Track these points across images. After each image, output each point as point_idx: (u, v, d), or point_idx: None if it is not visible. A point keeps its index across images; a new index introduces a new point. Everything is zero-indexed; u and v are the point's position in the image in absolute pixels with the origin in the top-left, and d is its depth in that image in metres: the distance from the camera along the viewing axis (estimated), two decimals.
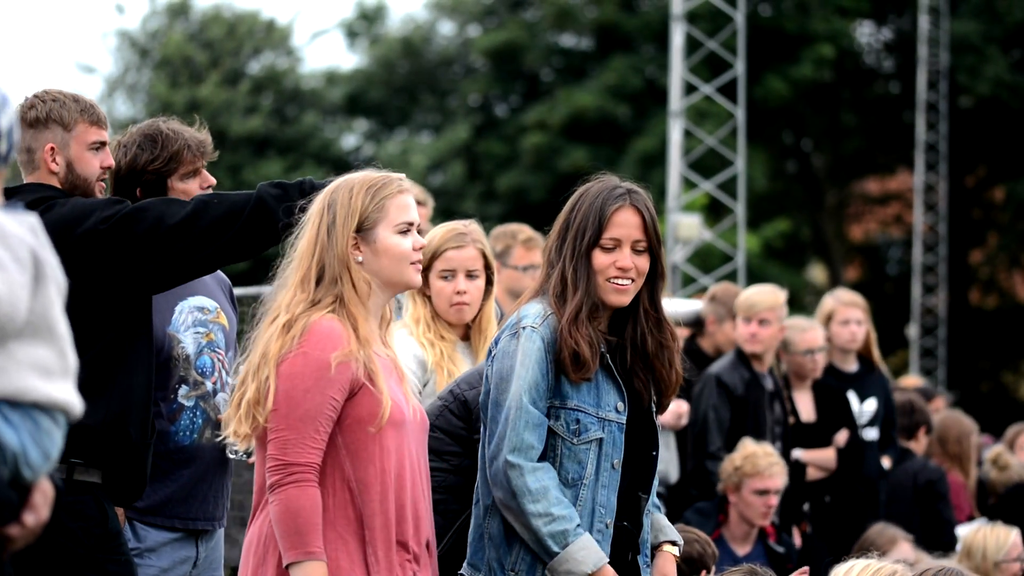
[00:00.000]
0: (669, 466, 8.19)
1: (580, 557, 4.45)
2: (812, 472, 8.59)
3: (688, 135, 19.78)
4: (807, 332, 8.62)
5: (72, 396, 2.90)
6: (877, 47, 32.93)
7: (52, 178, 5.07)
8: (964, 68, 28.80)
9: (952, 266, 29.35)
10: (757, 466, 7.55)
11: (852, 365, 9.07)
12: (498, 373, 4.56)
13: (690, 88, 19.15)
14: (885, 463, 8.98)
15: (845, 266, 32.41)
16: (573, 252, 4.60)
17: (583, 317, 4.54)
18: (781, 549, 7.69)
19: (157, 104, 29.14)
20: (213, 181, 5.48)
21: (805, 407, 8.64)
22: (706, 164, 21.31)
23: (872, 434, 8.96)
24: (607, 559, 4.49)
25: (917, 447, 9.38)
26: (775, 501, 7.63)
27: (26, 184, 5.08)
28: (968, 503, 9.62)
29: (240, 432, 4.41)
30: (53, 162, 5.07)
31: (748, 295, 8.38)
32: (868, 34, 32.73)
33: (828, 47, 28.65)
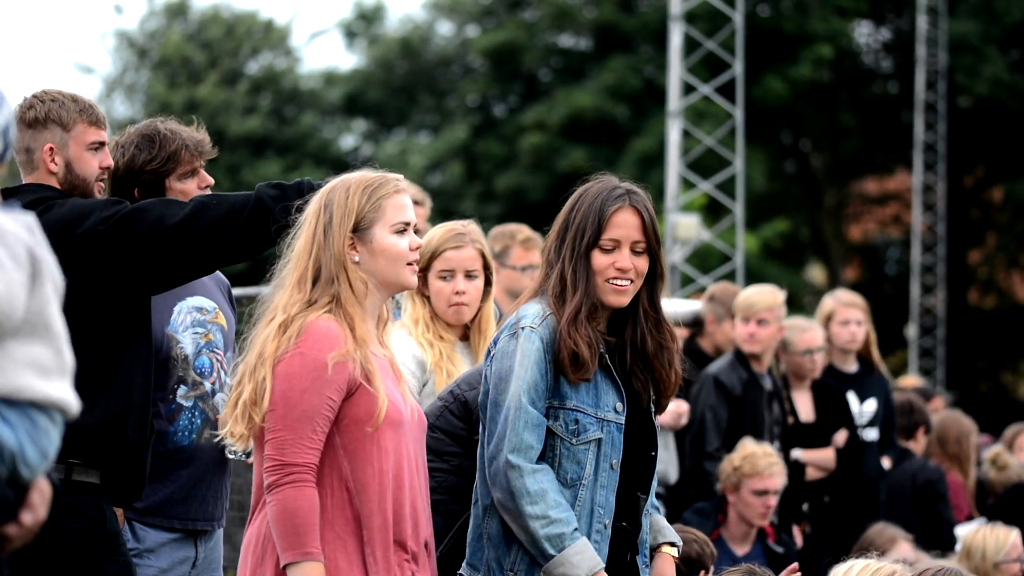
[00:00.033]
0: (668, 467, 8.19)
1: (575, 561, 4.43)
2: (811, 472, 8.59)
3: (687, 135, 19.78)
4: (806, 332, 8.62)
5: (69, 395, 2.90)
6: (875, 47, 32.94)
7: (51, 178, 5.07)
8: (962, 68, 28.80)
9: (951, 266, 29.35)
10: (756, 466, 7.55)
11: (852, 366, 9.07)
12: (497, 373, 4.56)
13: (689, 88, 19.15)
14: (885, 464, 8.98)
15: (844, 266, 32.42)
16: (572, 253, 4.59)
17: (582, 318, 4.53)
18: (780, 549, 7.69)
19: (156, 104, 29.14)
20: (211, 181, 5.48)
21: (804, 407, 8.64)
22: (705, 164, 21.31)
23: (872, 435, 8.95)
24: (602, 565, 4.48)
25: (916, 447, 9.38)
26: (774, 502, 7.63)
27: (25, 184, 5.08)
28: (967, 503, 9.62)
29: (236, 432, 4.41)
30: (52, 162, 5.06)
31: (746, 295, 8.38)
32: (866, 34, 32.74)
33: (826, 47, 28.65)
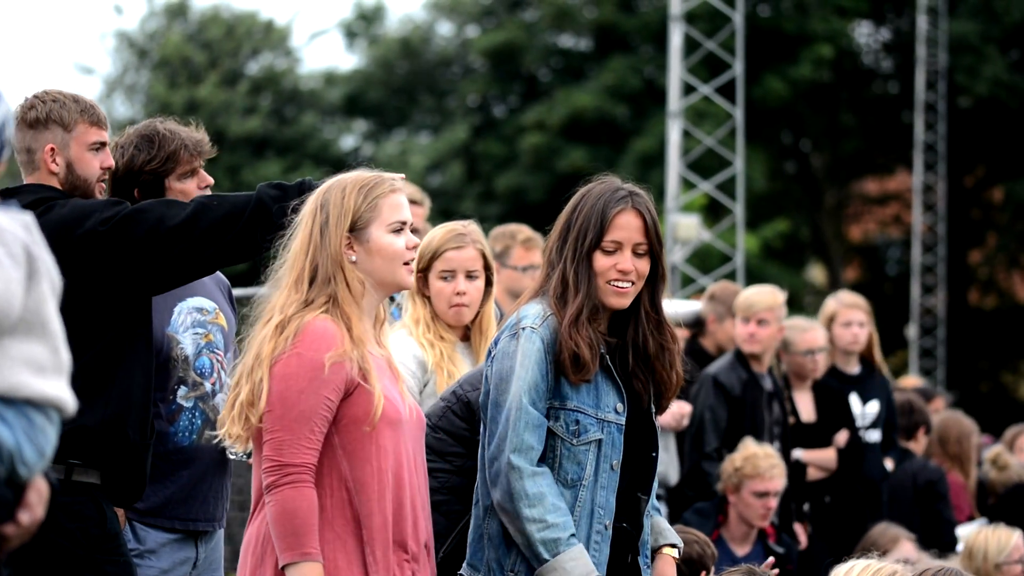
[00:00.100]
0: (668, 468, 8.17)
1: (569, 567, 4.41)
2: (812, 472, 8.59)
3: (687, 135, 19.79)
4: (807, 332, 8.62)
5: (65, 393, 2.90)
6: (876, 47, 32.94)
7: (52, 179, 5.06)
8: (962, 68, 28.81)
9: (951, 266, 29.35)
10: (758, 468, 7.54)
11: (854, 367, 9.06)
12: (498, 374, 4.55)
13: (689, 88, 19.15)
14: (888, 465, 8.98)
15: (844, 266, 32.41)
16: (574, 254, 4.59)
17: (583, 319, 4.53)
18: (781, 549, 7.68)
19: (156, 105, 29.14)
20: (211, 181, 5.47)
21: (805, 407, 8.64)
22: (705, 164, 21.31)
23: (874, 436, 8.94)
24: (597, 573, 4.46)
25: (916, 447, 9.38)
26: (774, 503, 7.62)
27: (26, 185, 5.07)
28: (968, 503, 9.62)
29: (234, 433, 4.41)
30: (53, 163, 5.06)
31: (747, 295, 8.38)
32: (867, 34, 32.75)
33: (827, 47, 28.65)
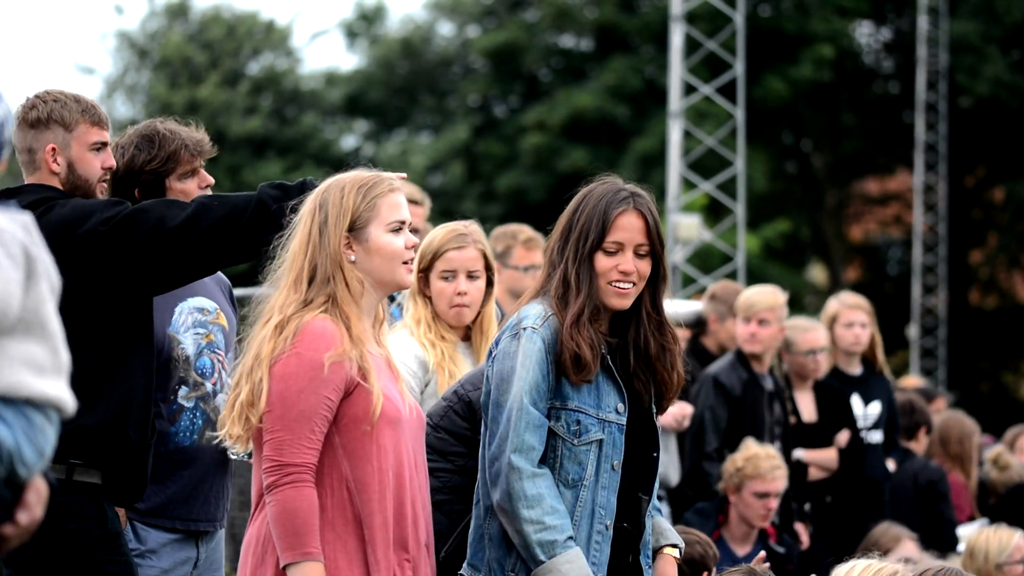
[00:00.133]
0: (669, 468, 8.16)
1: (564, 570, 4.40)
2: (814, 472, 8.58)
3: (688, 135, 19.79)
4: (809, 332, 8.62)
5: (65, 393, 2.90)
6: (876, 47, 32.94)
7: (53, 179, 5.06)
8: (963, 68, 28.81)
9: (952, 266, 29.36)
10: (759, 468, 7.53)
11: (856, 368, 9.05)
12: (499, 374, 4.55)
13: (689, 88, 19.15)
14: (890, 466, 8.97)
15: (845, 266, 32.41)
16: (576, 254, 4.58)
17: (585, 319, 4.52)
18: (781, 549, 7.68)
19: (156, 105, 29.14)
20: (211, 180, 5.47)
21: (806, 407, 8.63)
22: (706, 164, 21.31)
23: (876, 437, 8.94)
24: None
25: (917, 447, 9.38)
26: (775, 504, 7.62)
27: (27, 185, 5.07)
28: (969, 503, 9.62)
29: (234, 434, 4.41)
30: (54, 162, 5.06)
31: (748, 295, 8.38)
32: (867, 34, 32.75)
33: (827, 47, 28.65)
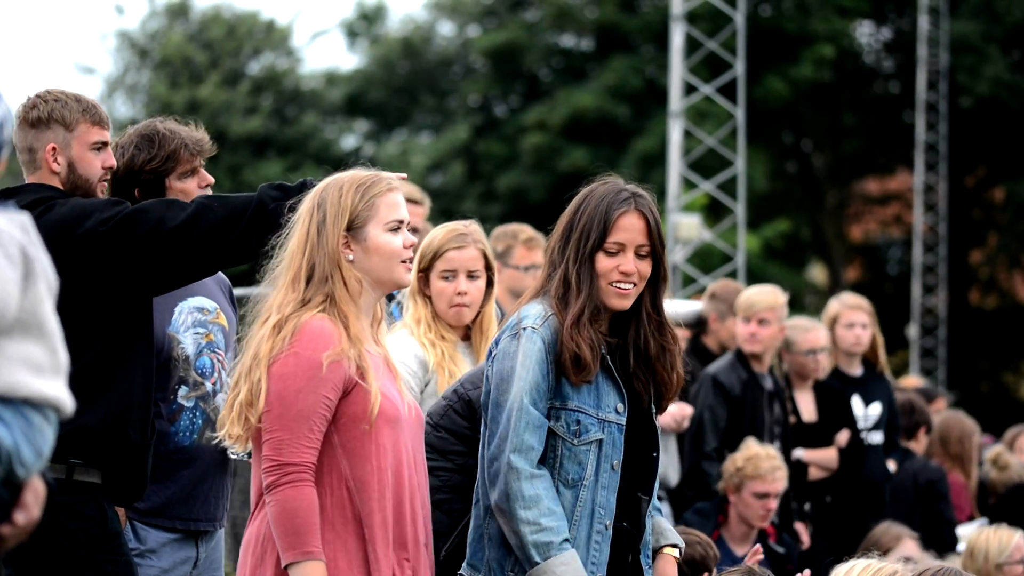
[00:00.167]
0: (669, 469, 8.16)
1: (559, 572, 4.39)
2: (814, 472, 8.58)
3: (688, 135, 19.78)
4: (810, 332, 8.61)
5: (63, 393, 2.89)
6: (877, 47, 32.94)
7: (53, 178, 5.06)
8: (964, 68, 28.81)
9: (952, 266, 29.36)
10: (759, 469, 7.53)
11: (857, 369, 9.04)
12: (498, 374, 4.54)
13: (690, 88, 19.15)
14: (890, 467, 8.97)
15: (845, 266, 32.41)
16: (577, 255, 4.58)
17: (585, 320, 4.52)
18: (781, 549, 7.68)
19: (157, 105, 29.14)
20: (211, 180, 5.46)
21: (806, 407, 8.63)
22: (706, 164, 21.30)
23: (877, 438, 8.93)
24: None
25: (917, 447, 9.38)
26: (774, 505, 7.62)
27: (26, 184, 5.07)
28: (969, 503, 9.62)
29: (234, 434, 4.41)
30: (55, 162, 5.05)
31: (748, 295, 8.38)
32: (868, 34, 32.75)
33: (828, 47, 28.65)
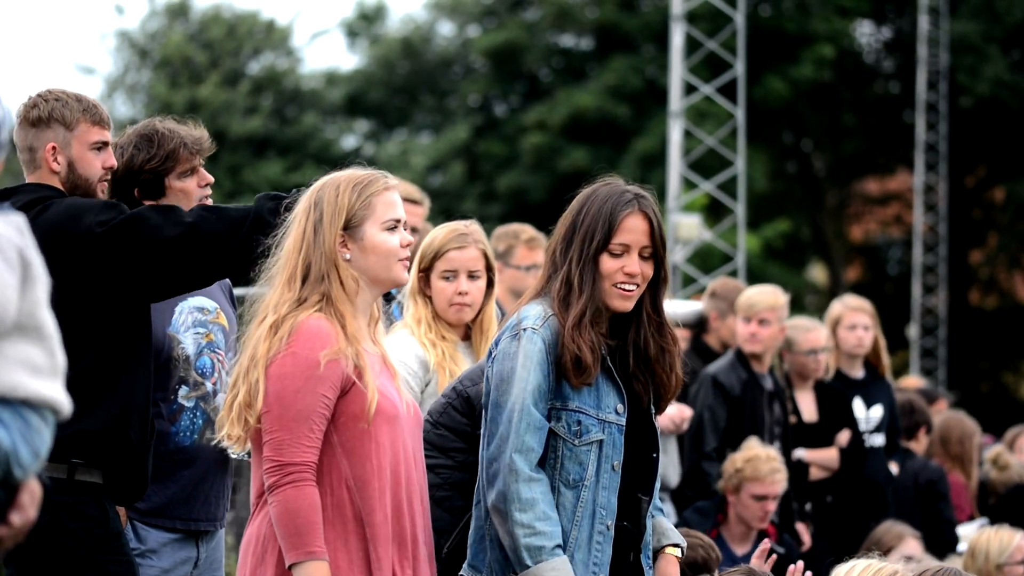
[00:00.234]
0: (669, 469, 8.15)
1: None
2: (815, 472, 8.57)
3: (688, 135, 19.77)
4: (810, 332, 8.61)
5: (61, 395, 2.89)
6: (877, 47, 32.94)
7: (53, 178, 5.05)
8: (964, 68, 28.81)
9: (952, 266, 29.36)
10: (758, 471, 7.51)
11: (858, 371, 9.03)
12: (498, 374, 4.53)
13: (690, 88, 19.14)
14: (892, 468, 8.96)
15: (845, 266, 32.41)
16: (580, 256, 4.56)
17: (586, 322, 4.51)
18: (781, 550, 7.67)
19: (157, 105, 29.14)
20: (211, 179, 5.45)
21: (807, 407, 8.63)
22: (706, 164, 21.29)
23: (879, 440, 8.92)
24: None
25: (917, 447, 9.38)
26: (772, 507, 7.61)
27: (25, 184, 5.06)
28: (969, 503, 9.61)
29: (233, 435, 4.40)
30: (54, 161, 5.05)
31: (748, 295, 8.37)
32: (868, 34, 32.75)
33: (828, 47, 28.65)
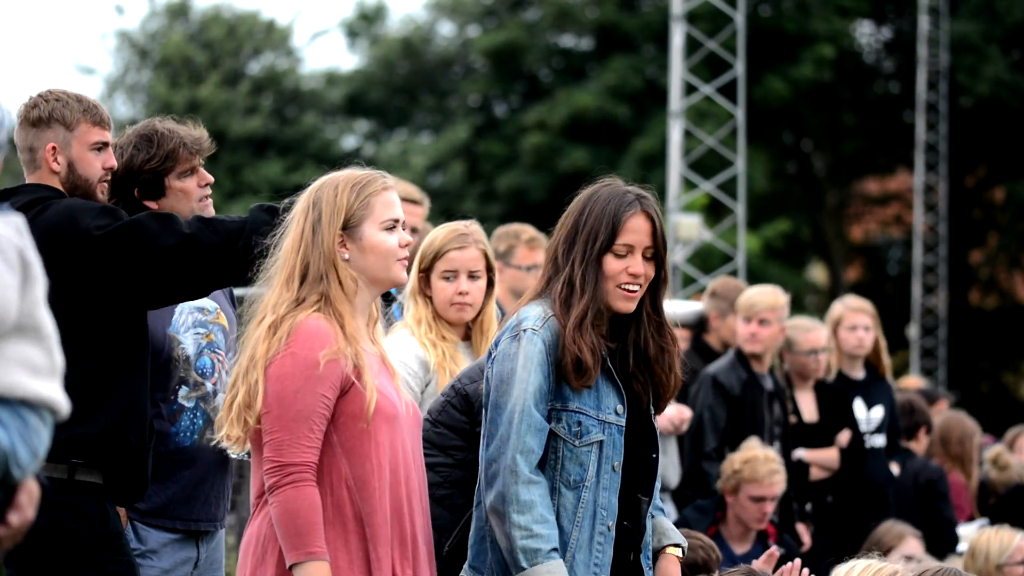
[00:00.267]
0: (668, 470, 8.14)
1: None
2: (815, 472, 8.57)
3: (688, 135, 19.77)
4: (811, 332, 8.61)
5: (59, 395, 2.90)
6: (877, 47, 32.94)
7: (53, 178, 5.05)
8: (964, 68, 28.81)
9: (952, 266, 29.35)
10: (756, 473, 7.51)
11: (859, 372, 9.03)
12: (498, 375, 4.52)
13: (690, 88, 19.13)
14: (894, 469, 8.96)
15: (845, 266, 32.41)
16: (584, 257, 4.54)
17: (587, 323, 4.49)
18: (781, 550, 7.66)
19: (157, 105, 29.13)
20: (211, 179, 5.45)
21: (807, 407, 8.62)
22: (706, 164, 21.29)
23: (880, 441, 8.92)
24: None
25: (917, 447, 9.38)
26: (770, 508, 7.60)
27: (24, 185, 5.06)
28: (969, 504, 9.62)
29: (232, 435, 4.40)
30: (54, 161, 5.04)
31: (749, 295, 8.37)
32: (868, 34, 32.75)
33: (828, 47, 28.65)
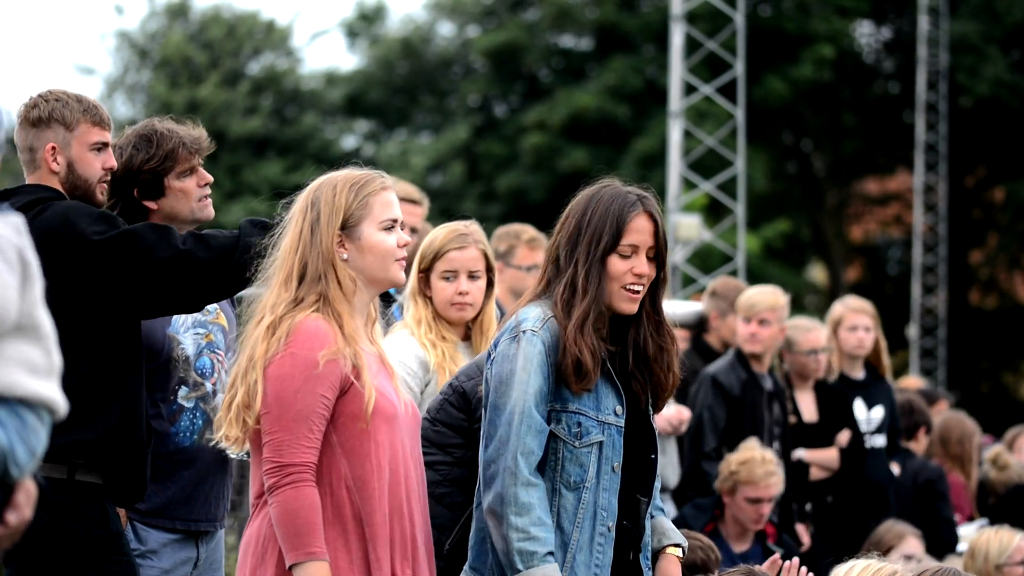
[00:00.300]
0: (668, 470, 8.15)
1: None
2: (815, 472, 8.57)
3: (688, 135, 19.77)
4: (811, 332, 8.61)
5: (57, 394, 2.89)
6: (877, 47, 32.94)
7: (53, 178, 5.05)
8: (964, 68, 28.81)
9: (952, 266, 29.36)
10: (753, 475, 7.50)
11: (859, 372, 9.03)
12: (497, 376, 4.51)
13: (690, 88, 19.13)
14: (894, 469, 8.96)
15: (845, 266, 32.41)
16: (587, 257, 4.53)
17: (588, 325, 4.49)
18: (780, 550, 7.66)
19: (157, 105, 29.14)
20: (210, 179, 5.45)
21: (807, 407, 8.62)
22: (706, 164, 21.29)
23: (880, 441, 8.92)
24: None
25: (917, 447, 9.38)
26: (767, 510, 7.60)
27: (24, 185, 5.06)
28: (969, 504, 9.62)
29: (231, 436, 4.40)
30: (54, 162, 5.04)
31: (749, 295, 8.37)
32: (868, 34, 32.75)
33: (828, 47, 28.66)
